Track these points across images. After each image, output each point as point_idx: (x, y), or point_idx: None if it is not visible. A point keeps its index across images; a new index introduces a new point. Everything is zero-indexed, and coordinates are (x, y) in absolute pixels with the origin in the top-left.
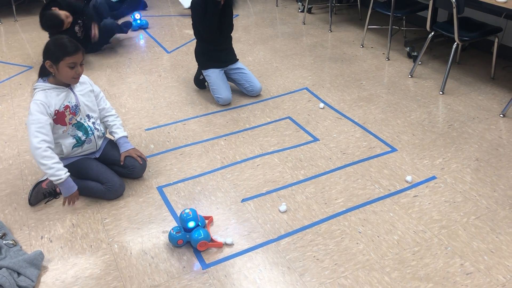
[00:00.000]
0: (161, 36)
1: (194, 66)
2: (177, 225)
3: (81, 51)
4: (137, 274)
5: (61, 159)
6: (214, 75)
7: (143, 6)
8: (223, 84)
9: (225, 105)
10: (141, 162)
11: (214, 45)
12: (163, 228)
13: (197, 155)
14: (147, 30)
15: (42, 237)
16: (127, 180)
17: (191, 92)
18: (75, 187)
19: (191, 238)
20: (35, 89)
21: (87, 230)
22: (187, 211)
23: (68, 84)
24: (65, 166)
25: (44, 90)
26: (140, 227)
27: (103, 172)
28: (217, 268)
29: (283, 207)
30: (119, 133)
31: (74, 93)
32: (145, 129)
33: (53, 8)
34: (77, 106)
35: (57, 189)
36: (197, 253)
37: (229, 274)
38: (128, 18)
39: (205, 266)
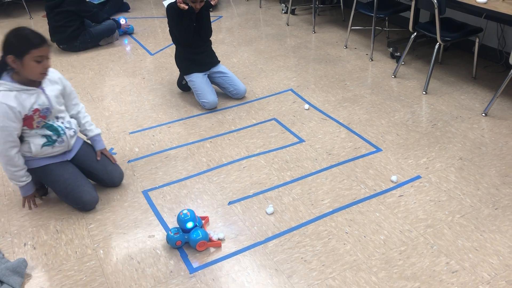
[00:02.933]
0: (144, 38)
1: (178, 68)
2: (163, 227)
3: (47, 44)
4: (124, 279)
5: (29, 159)
6: (198, 80)
7: (126, 8)
8: (208, 88)
9: (212, 109)
10: (114, 162)
11: (193, 49)
12: (149, 232)
13: (183, 158)
14: (137, 38)
15: (25, 244)
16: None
17: (175, 95)
18: (31, 191)
19: (190, 239)
20: None
21: (72, 236)
22: (185, 211)
23: (37, 83)
24: (33, 169)
25: (12, 91)
26: (126, 232)
27: (71, 191)
28: (204, 272)
29: (270, 209)
30: (93, 130)
31: (46, 94)
32: (129, 132)
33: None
34: (48, 109)
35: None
36: (184, 257)
37: (216, 278)
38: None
39: (192, 270)
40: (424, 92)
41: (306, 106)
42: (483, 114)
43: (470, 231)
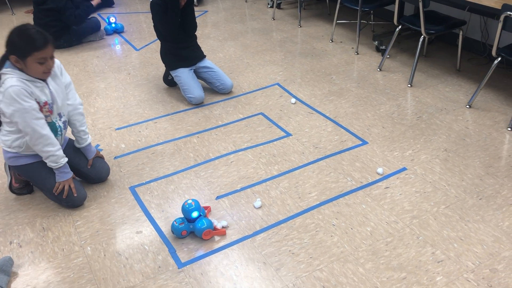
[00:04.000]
0: (129, 33)
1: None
2: (150, 223)
3: (51, 44)
4: (112, 276)
5: (16, 155)
6: (184, 75)
7: (110, 3)
8: (194, 83)
9: (198, 104)
10: (102, 157)
11: (178, 44)
12: (136, 228)
13: (170, 154)
14: (122, 34)
15: (11, 243)
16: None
17: (161, 90)
18: (71, 174)
19: (195, 228)
20: (4, 74)
21: (59, 233)
22: (189, 201)
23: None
24: (19, 167)
25: (21, 79)
26: (113, 228)
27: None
28: (193, 266)
29: (258, 203)
30: (87, 139)
31: (49, 88)
32: (115, 128)
33: None
34: (52, 103)
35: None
36: (173, 252)
37: (205, 272)
38: (103, 23)
39: (180, 265)
40: (409, 85)
41: (293, 100)
42: (467, 106)
43: (455, 221)
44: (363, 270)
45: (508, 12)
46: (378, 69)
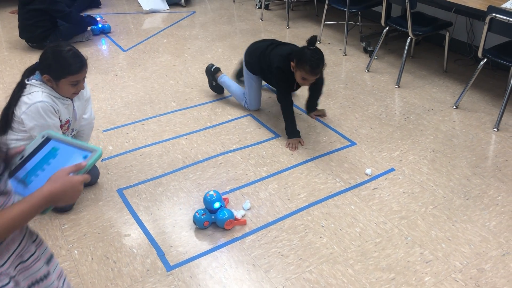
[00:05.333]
0: (116, 34)
1: (151, 64)
2: (138, 226)
3: (86, 67)
4: (99, 280)
5: None
6: (257, 84)
7: (96, 4)
8: (259, 93)
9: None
10: None
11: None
12: (124, 231)
13: (158, 156)
14: (109, 34)
15: None
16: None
17: (149, 91)
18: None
19: (217, 219)
20: (33, 86)
21: (45, 237)
22: (211, 193)
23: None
24: None
25: (50, 96)
26: (101, 231)
27: None
28: (181, 269)
29: (247, 205)
30: None
31: (73, 106)
32: (103, 130)
33: None
34: (72, 121)
35: None
36: (161, 255)
37: (194, 275)
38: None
39: (169, 268)
40: (396, 86)
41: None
42: (454, 107)
43: (442, 221)
44: (352, 271)
45: (494, 14)
46: (366, 70)
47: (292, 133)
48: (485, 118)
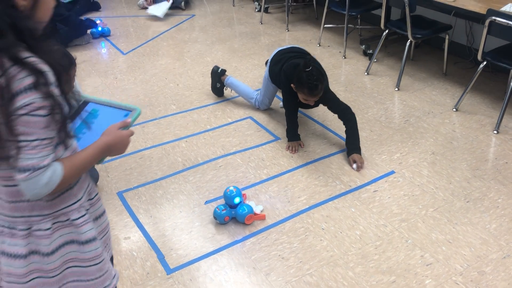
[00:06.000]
0: (116, 37)
1: (151, 67)
2: (138, 228)
3: (75, 65)
4: None
5: None
6: (275, 89)
7: (96, 7)
8: (273, 96)
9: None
10: None
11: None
12: (124, 234)
13: (158, 158)
14: (109, 38)
15: None
16: None
17: (149, 94)
18: None
19: (237, 214)
20: None
21: None
22: (231, 188)
23: None
24: None
25: None
26: None
27: None
28: (182, 272)
29: (259, 207)
30: None
31: None
32: None
33: None
34: None
35: None
36: (161, 258)
37: (194, 278)
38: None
39: (169, 271)
40: (396, 89)
41: (281, 104)
42: (454, 109)
43: (443, 224)
44: (352, 274)
45: (493, 17)
46: (366, 73)
47: (292, 136)
48: (485, 120)
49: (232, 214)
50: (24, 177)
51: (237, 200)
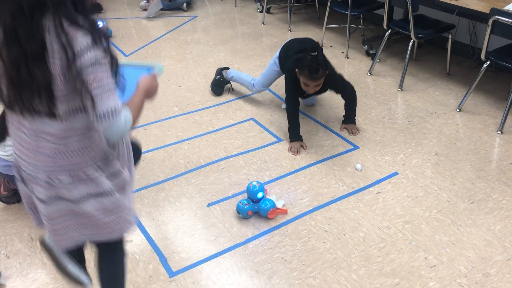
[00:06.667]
0: (118, 39)
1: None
2: (141, 232)
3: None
4: None
5: (9, 164)
6: (278, 75)
7: (98, 9)
8: (272, 81)
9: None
10: None
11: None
12: (127, 237)
13: (160, 161)
14: (111, 39)
15: None
16: None
17: None
18: None
19: (260, 208)
20: None
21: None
22: (254, 183)
23: None
24: (13, 176)
25: None
26: None
27: None
28: (184, 275)
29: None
30: None
31: None
32: None
33: None
34: None
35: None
36: (164, 261)
37: (197, 281)
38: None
39: (172, 274)
40: (399, 89)
41: (284, 105)
42: (457, 110)
43: (447, 225)
44: (356, 277)
45: (496, 16)
46: (368, 73)
47: (293, 136)
48: (488, 121)
49: (255, 208)
50: (108, 123)
51: (260, 194)
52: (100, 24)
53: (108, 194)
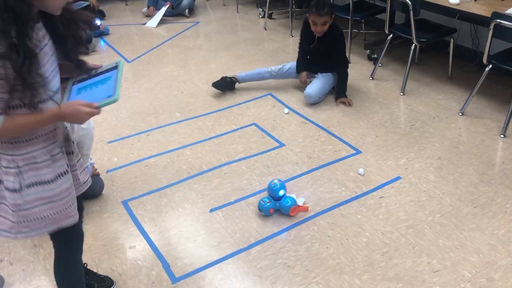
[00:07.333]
0: (121, 45)
1: (156, 74)
2: (144, 237)
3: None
4: None
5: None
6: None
7: (101, 15)
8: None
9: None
10: (98, 174)
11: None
12: (130, 243)
13: (163, 166)
14: (114, 46)
15: (1, 260)
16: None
17: (154, 102)
18: None
19: (282, 206)
20: None
21: (50, 250)
22: (275, 181)
23: None
24: None
25: None
26: (106, 243)
27: None
28: (187, 281)
29: (300, 200)
30: (87, 163)
31: None
32: (107, 141)
33: None
34: (71, 133)
35: None
36: (166, 267)
37: (200, 287)
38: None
39: (174, 280)
40: (401, 93)
41: (286, 110)
42: (460, 114)
43: (450, 230)
44: (359, 282)
45: (498, 20)
46: (370, 78)
47: (299, 67)
48: (491, 124)
49: (277, 206)
50: None
51: (281, 192)
52: (98, 22)
53: None
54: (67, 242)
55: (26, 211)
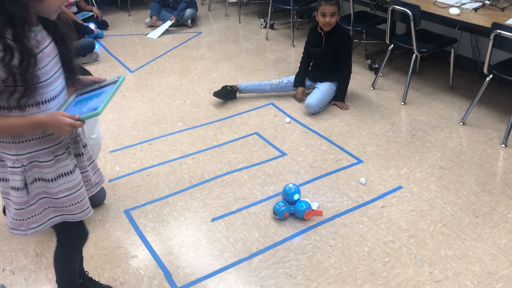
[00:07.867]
0: (123, 55)
1: (158, 84)
2: (145, 247)
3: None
4: None
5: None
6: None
7: (104, 26)
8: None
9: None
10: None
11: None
12: (132, 252)
13: (165, 176)
14: (117, 55)
15: (3, 270)
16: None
17: (156, 111)
18: None
19: (296, 210)
20: None
21: (52, 259)
22: (290, 185)
23: None
24: None
25: None
26: (108, 253)
27: None
28: None
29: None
30: None
31: (83, 127)
32: (110, 151)
33: None
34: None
35: None
36: (168, 277)
37: None
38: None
39: None
40: (402, 103)
41: (287, 119)
42: (461, 123)
43: (452, 239)
44: None
45: (498, 31)
46: (372, 88)
47: (296, 82)
48: (492, 134)
49: (291, 210)
50: None
51: (296, 196)
52: (92, 26)
53: None
54: (69, 236)
55: (33, 205)
